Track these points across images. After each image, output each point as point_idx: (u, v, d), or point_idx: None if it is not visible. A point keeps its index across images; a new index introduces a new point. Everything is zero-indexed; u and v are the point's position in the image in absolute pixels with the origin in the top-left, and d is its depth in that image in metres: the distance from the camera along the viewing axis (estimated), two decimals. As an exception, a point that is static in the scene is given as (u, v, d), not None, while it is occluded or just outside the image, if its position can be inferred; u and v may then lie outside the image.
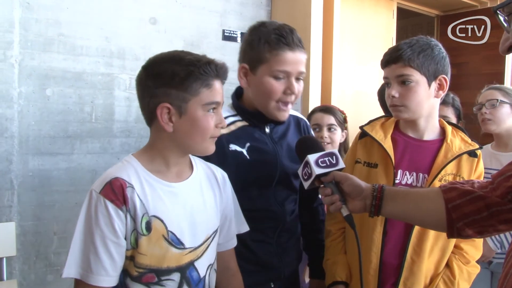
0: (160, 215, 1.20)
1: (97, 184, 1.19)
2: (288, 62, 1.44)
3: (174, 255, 1.22)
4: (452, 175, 1.51)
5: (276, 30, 1.45)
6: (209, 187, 1.36)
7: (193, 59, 1.21)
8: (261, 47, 1.44)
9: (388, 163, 1.53)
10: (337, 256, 1.64)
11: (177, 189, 1.26)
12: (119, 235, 1.16)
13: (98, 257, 1.14)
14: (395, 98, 1.51)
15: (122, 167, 1.22)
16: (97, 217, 1.14)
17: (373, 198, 1.25)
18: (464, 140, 1.57)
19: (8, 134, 2.42)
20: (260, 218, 1.53)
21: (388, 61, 1.54)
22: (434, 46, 1.52)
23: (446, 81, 1.53)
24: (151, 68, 1.23)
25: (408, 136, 1.59)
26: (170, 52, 1.26)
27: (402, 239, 1.52)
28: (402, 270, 1.51)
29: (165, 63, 1.21)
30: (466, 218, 1.14)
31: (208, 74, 1.20)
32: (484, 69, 4.70)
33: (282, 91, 1.46)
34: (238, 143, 1.49)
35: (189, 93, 1.19)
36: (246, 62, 1.50)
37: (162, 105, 1.18)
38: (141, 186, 1.20)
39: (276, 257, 1.57)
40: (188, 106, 1.19)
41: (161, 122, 1.19)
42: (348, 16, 3.88)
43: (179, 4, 3.04)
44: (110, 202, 1.15)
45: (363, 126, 1.66)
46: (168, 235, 1.21)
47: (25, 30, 2.45)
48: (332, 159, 1.28)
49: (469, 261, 1.54)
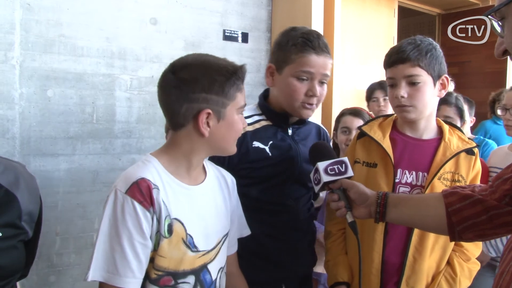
0: (181, 217, 1.20)
1: (121, 184, 1.16)
2: (311, 64, 1.50)
3: (189, 258, 1.22)
4: (451, 173, 1.52)
5: (304, 34, 1.52)
6: (220, 192, 1.37)
7: (227, 64, 1.23)
8: (288, 49, 1.52)
9: (387, 163, 1.54)
10: (338, 257, 1.64)
11: (194, 192, 1.26)
12: (146, 236, 1.14)
13: (126, 258, 1.12)
14: (403, 99, 1.51)
15: (145, 167, 1.20)
16: (124, 218, 1.12)
17: (377, 205, 1.30)
18: (461, 138, 1.58)
19: (9, 135, 2.43)
20: (274, 212, 1.57)
21: (394, 61, 1.53)
22: (436, 46, 1.54)
23: (448, 80, 1.56)
24: (185, 73, 1.21)
25: (407, 135, 1.60)
26: (196, 56, 1.27)
27: (403, 238, 1.52)
28: (404, 269, 1.51)
29: (201, 67, 1.21)
30: (465, 222, 1.15)
31: (240, 79, 1.24)
32: (487, 68, 4.70)
33: (304, 93, 1.52)
34: (261, 141, 1.55)
35: (228, 98, 1.21)
36: (273, 62, 1.58)
37: (204, 111, 1.18)
38: (163, 187, 1.19)
39: (288, 256, 1.59)
40: (226, 111, 1.22)
41: (200, 128, 1.19)
42: (349, 15, 3.87)
43: (179, 4, 3.04)
44: (138, 203, 1.13)
45: (361, 126, 1.67)
46: (187, 238, 1.21)
47: (26, 32, 2.45)
48: (341, 167, 1.34)
49: (469, 258, 1.56)
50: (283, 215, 1.58)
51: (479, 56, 4.69)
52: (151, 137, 2.92)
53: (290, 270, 1.60)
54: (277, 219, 1.57)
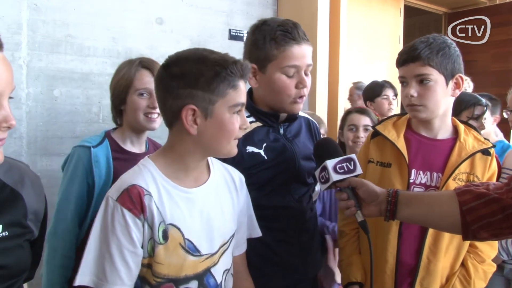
0: (177, 223, 1.17)
1: (113, 190, 1.15)
2: (296, 57, 1.44)
3: (191, 262, 1.20)
4: (466, 173, 1.49)
5: (280, 27, 1.45)
6: (226, 191, 1.33)
7: (219, 58, 1.16)
8: (267, 45, 1.44)
9: (402, 163, 1.52)
10: (352, 256, 1.63)
11: (194, 195, 1.22)
12: (136, 244, 1.13)
13: (114, 266, 1.11)
14: (413, 98, 1.49)
15: (139, 172, 1.18)
16: (114, 225, 1.11)
17: (388, 203, 1.27)
18: (477, 138, 1.55)
19: (16, 135, 2.43)
20: (280, 217, 1.53)
21: (405, 60, 1.51)
22: (450, 44, 1.51)
23: (462, 80, 1.52)
24: (174, 67, 1.17)
25: (421, 135, 1.57)
26: (192, 51, 1.21)
27: (417, 239, 1.51)
28: (418, 270, 1.50)
29: (190, 62, 1.16)
30: (481, 221, 1.14)
31: (234, 75, 1.16)
32: (493, 67, 4.67)
33: (295, 86, 1.47)
34: (255, 145, 1.49)
35: (216, 94, 1.14)
36: (253, 62, 1.49)
37: (187, 107, 1.13)
38: (158, 193, 1.16)
39: (300, 258, 1.56)
40: (215, 108, 1.15)
41: (186, 125, 1.14)
42: (355, 14, 3.87)
43: (185, 4, 3.04)
44: (127, 211, 1.11)
45: (375, 126, 1.65)
46: (185, 243, 1.18)
47: (33, 32, 2.46)
48: (350, 165, 1.30)
49: (484, 260, 1.53)
50: (289, 219, 1.55)
51: (485, 56, 4.67)
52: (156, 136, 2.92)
53: (302, 273, 1.57)
54: (284, 223, 1.54)
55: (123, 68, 1.75)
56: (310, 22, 3.28)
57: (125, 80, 1.70)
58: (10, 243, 1.12)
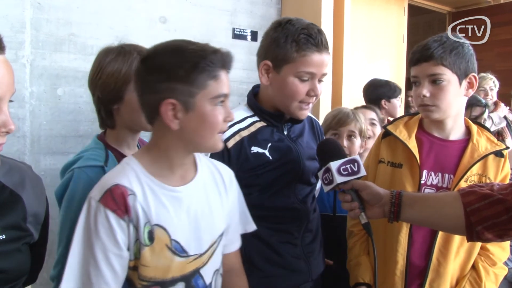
0: (163, 223, 1.13)
1: (95, 191, 1.11)
2: (314, 64, 1.41)
3: (178, 264, 1.16)
4: (478, 175, 1.47)
5: (305, 30, 1.41)
6: (214, 188, 1.28)
7: (197, 49, 1.10)
8: (288, 46, 1.41)
9: (413, 163, 1.50)
10: (360, 257, 1.62)
11: (181, 193, 1.18)
12: (121, 246, 1.09)
13: (99, 270, 1.07)
14: (426, 98, 1.47)
15: (122, 171, 1.13)
16: (97, 228, 1.07)
17: (391, 205, 1.26)
18: (490, 140, 1.53)
19: (20, 133, 2.43)
20: (284, 218, 1.52)
21: (418, 59, 1.49)
22: (464, 43, 1.49)
23: (476, 79, 1.50)
24: (151, 60, 1.12)
25: (433, 135, 1.55)
26: (171, 42, 1.15)
27: (428, 240, 1.49)
28: (428, 272, 1.48)
29: (167, 54, 1.11)
30: (485, 222, 1.13)
31: (214, 65, 1.10)
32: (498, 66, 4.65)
33: (306, 93, 1.44)
34: (260, 145, 1.47)
35: (196, 86, 1.08)
36: (269, 59, 1.46)
37: (166, 101, 1.08)
38: (143, 192, 1.12)
39: (303, 260, 1.55)
40: (195, 100, 1.09)
41: (166, 120, 1.09)
42: (359, 13, 3.85)
43: (189, 3, 3.04)
44: (111, 212, 1.07)
45: (386, 125, 1.63)
46: (171, 244, 1.14)
47: (36, 30, 2.46)
48: (354, 167, 1.29)
49: (495, 262, 1.51)
50: (294, 220, 1.54)
51: (489, 54, 4.65)
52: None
53: (306, 274, 1.56)
54: (289, 224, 1.53)
55: (112, 60, 1.44)
56: (314, 21, 3.19)
57: (123, 75, 1.40)
58: (8, 247, 1.09)
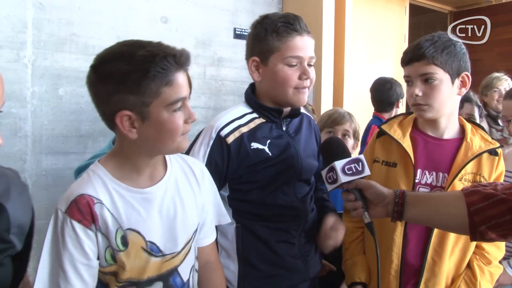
0: (136, 227, 1.11)
1: (62, 202, 1.08)
2: (298, 47, 1.43)
3: (154, 264, 1.15)
4: (473, 174, 1.48)
5: (282, 19, 1.45)
6: (186, 184, 1.25)
7: (146, 54, 1.02)
8: (269, 38, 1.43)
9: (407, 163, 1.51)
10: (356, 256, 1.62)
11: (150, 194, 1.15)
12: (89, 256, 1.07)
13: (69, 281, 1.05)
14: (418, 97, 1.47)
15: (87, 181, 1.11)
16: (64, 239, 1.05)
17: (395, 204, 1.26)
18: (484, 138, 1.53)
19: (21, 133, 2.44)
20: (283, 216, 1.52)
21: (410, 59, 1.49)
22: (456, 42, 1.50)
23: (469, 78, 1.51)
24: (100, 68, 1.05)
25: (427, 134, 1.56)
26: (120, 47, 1.08)
27: (422, 239, 1.49)
28: (423, 271, 1.49)
29: (115, 62, 1.03)
30: (489, 222, 1.13)
31: (167, 69, 1.04)
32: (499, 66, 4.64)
33: (298, 77, 1.45)
34: (259, 141, 1.47)
35: (148, 95, 1.03)
36: (256, 55, 1.48)
37: (120, 113, 1.03)
38: (111, 199, 1.09)
39: (301, 259, 1.55)
40: (150, 110, 1.04)
41: (122, 130, 1.05)
42: (360, 13, 3.85)
43: (190, 2, 3.04)
44: (77, 223, 1.05)
45: (381, 125, 1.63)
46: (147, 246, 1.13)
47: (38, 31, 2.46)
48: (358, 166, 1.29)
49: (490, 261, 1.51)
50: (292, 219, 1.54)
51: (490, 54, 4.65)
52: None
53: (303, 274, 1.56)
54: (287, 223, 1.53)
55: None
56: (315, 21, 3.27)
57: None
58: None
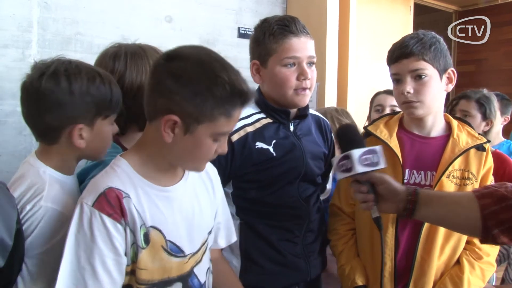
0: (158, 225, 1.10)
1: (87, 195, 1.05)
2: (294, 48, 1.46)
3: (175, 264, 1.13)
4: (461, 170, 1.47)
5: (278, 21, 1.48)
6: (202, 186, 1.26)
7: (227, 81, 1.02)
8: (266, 41, 1.47)
9: (395, 163, 1.49)
10: (353, 260, 1.59)
11: (172, 193, 1.15)
12: (119, 252, 1.04)
13: (97, 278, 1.01)
14: (410, 94, 1.46)
15: (113, 174, 1.08)
16: (93, 234, 1.01)
17: (407, 202, 1.24)
18: (471, 134, 1.52)
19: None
20: (286, 215, 1.53)
21: (398, 56, 1.48)
22: (439, 39, 1.50)
23: (454, 74, 1.51)
24: (177, 66, 1.05)
25: (414, 134, 1.54)
26: (203, 57, 1.07)
27: (412, 238, 1.48)
28: (412, 270, 1.47)
29: (196, 69, 1.03)
30: (502, 225, 1.12)
31: (234, 106, 1.05)
32: (504, 65, 4.62)
33: (296, 78, 1.47)
34: (264, 141, 1.48)
35: (205, 116, 1.03)
36: (255, 58, 1.52)
37: (171, 116, 1.02)
38: (136, 194, 1.07)
39: (303, 258, 1.56)
40: (198, 128, 1.04)
41: (162, 130, 1.04)
42: (364, 12, 3.84)
43: (194, 2, 3.06)
44: (107, 217, 1.02)
45: (366, 126, 1.62)
46: (167, 245, 1.11)
47: (43, 30, 2.48)
48: (375, 158, 1.24)
49: (481, 256, 1.48)
50: (295, 218, 1.55)
51: (496, 54, 4.62)
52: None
53: (305, 273, 1.56)
54: (290, 222, 1.54)
55: None
56: (320, 20, 3.28)
57: None
58: None
